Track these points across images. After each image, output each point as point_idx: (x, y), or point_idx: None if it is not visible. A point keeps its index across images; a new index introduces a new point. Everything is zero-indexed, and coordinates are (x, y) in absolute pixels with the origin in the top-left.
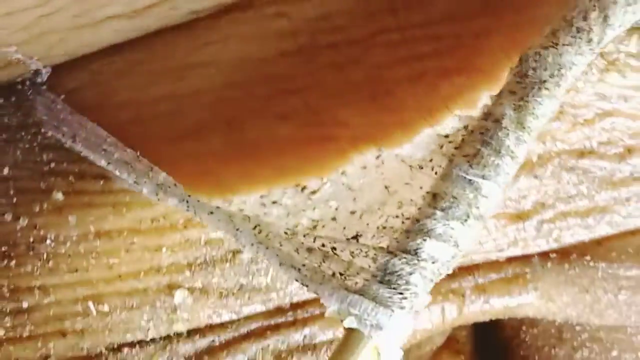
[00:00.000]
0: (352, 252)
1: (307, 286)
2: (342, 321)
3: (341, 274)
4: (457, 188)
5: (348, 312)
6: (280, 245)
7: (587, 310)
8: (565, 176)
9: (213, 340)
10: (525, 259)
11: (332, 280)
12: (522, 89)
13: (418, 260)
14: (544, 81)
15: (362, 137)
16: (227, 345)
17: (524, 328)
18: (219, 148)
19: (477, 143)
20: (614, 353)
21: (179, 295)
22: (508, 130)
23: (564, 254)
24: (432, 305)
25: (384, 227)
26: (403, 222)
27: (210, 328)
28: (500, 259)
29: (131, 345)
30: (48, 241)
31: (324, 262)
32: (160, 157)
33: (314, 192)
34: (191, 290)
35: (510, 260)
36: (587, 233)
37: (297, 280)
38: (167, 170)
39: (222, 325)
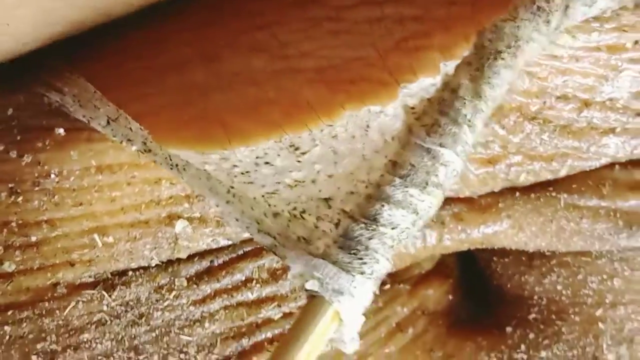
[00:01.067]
0: (319, 217)
1: (275, 252)
2: (304, 286)
3: (304, 239)
4: (415, 156)
5: (311, 275)
6: (252, 209)
7: (555, 239)
8: (528, 126)
9: (212, 261)
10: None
11: (298, 245)
12: (478, 60)
13: (377, 225)
14: (500, 51)
15: (327, 71)
16: (225, 265)
17: (495, 259)
18: (202, 79)
19: (435, 113)
20: (580, 277)
21: (179, 225)
22: (465, 99)
23: (530, 186)
24: None
25: (352, 192)
26: (366, 187)
27: (209, 252)
28: (473, 195)
29: (135, 270)
30: (52, 176)
31: (288, 226)
32: (149, 87)
33: (304, 153)
34: (190, 220)
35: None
36: (552, 175)
37: (267, 247)
38: (157, 101)
39: (220, 249)
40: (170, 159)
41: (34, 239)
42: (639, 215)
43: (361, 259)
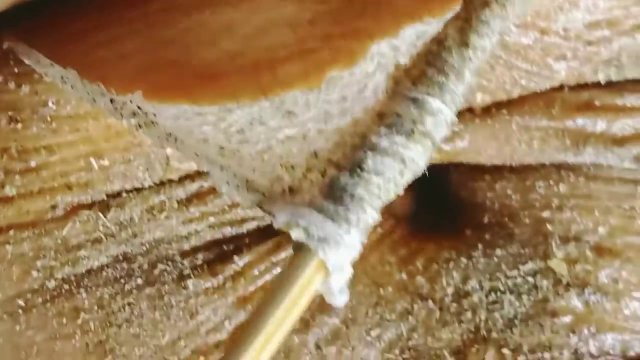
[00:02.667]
0: (308, 168)
1: (262, 208)
2: (289, 235)
3: (291, 190)
4: (401, 106)
5: (296, 223)
6: (240, 166)
7: (508, 159)
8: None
9: (201, 185)
10: (458, 115)
11: (284, 198)
12: (466, 12)
13: (362, 172)
14: (488, 2)
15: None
16: (214, 189)
17: (451, 169)
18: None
19: (422, 64)
20: (528, 182)
21: None
22: (451, 49)
23: (486, 109)
24: None
25: (339, 144)
26: (353, 138)
27: (199, 174)
28: None
29: (129, 191)
30: (50, 104)
31: (276, 180)
32: (136, 25)
33: (297, 116)
34: None
35: None
36: (505, 94)
37: (255, 204)
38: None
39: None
40: (169, 135)
41: (33, 164)
42: (585, 133)
43: (347, 207)
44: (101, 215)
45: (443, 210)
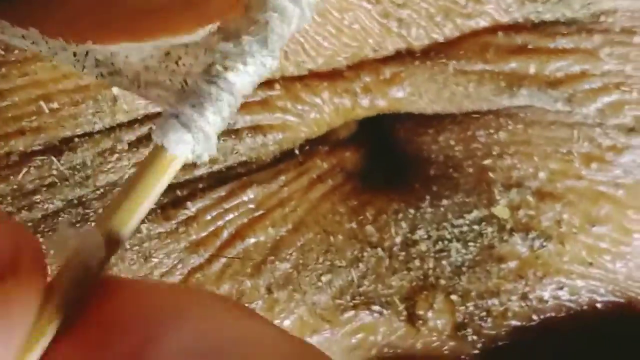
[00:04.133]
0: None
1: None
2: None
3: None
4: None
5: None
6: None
7: (448, 104)
8: None
9: (151, 127)
10: (398, 58)
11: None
12: None
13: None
14: None
15: None
16: None
17: (397, 125)
18: None
19: None
20: (469, 132)
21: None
22: None
23: (425, 53)
24: (327, 103)
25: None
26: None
27: (148, 117)
28: (378, 57)
29: (81, 136)
30: None
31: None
32: None
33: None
34: None
35: (386, 60)
36: (439, 30)
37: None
38: None
39: (159, 114)
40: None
41: None
42: (519, 76)
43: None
44: (54, 159)
45: (393, 167)
